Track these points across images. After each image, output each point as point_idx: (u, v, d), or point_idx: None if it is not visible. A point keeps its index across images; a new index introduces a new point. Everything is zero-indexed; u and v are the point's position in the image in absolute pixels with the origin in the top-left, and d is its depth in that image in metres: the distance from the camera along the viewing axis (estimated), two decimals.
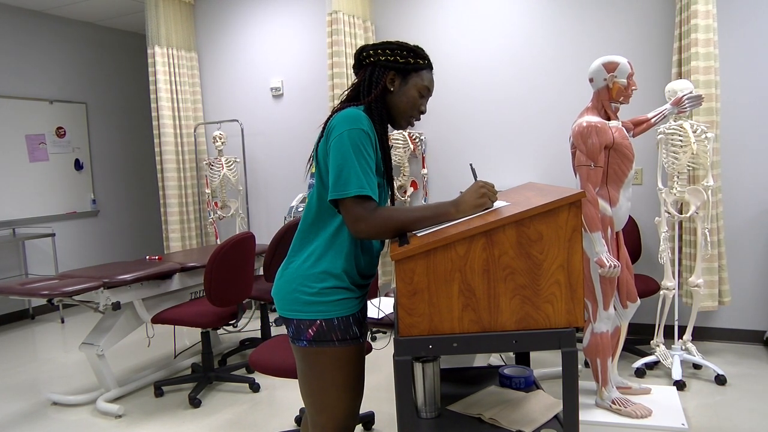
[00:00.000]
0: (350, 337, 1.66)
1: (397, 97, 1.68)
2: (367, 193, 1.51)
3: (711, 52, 3.50)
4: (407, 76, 1.68)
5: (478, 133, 4.52)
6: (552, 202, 1.47)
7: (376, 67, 1.68)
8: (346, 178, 1.51)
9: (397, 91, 1.68)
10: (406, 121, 1.72)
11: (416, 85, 1.68)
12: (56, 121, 5.96)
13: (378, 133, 1.63)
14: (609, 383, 2.80)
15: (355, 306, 1.69)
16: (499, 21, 4.37)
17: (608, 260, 2.58)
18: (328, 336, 1.63)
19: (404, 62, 1.67)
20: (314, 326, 1.63)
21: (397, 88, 1.68)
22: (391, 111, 1.70)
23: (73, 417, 3.24)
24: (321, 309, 1.63)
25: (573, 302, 1.49)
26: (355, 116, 1.55)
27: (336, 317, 1.63)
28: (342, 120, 1.55)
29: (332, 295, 1.64)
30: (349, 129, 1.53)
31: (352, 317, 1.67)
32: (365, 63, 1.70)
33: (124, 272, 3.35)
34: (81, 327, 5.26)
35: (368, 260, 1.72)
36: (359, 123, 1.54)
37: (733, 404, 2.96)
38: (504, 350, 1.49)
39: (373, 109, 1.65)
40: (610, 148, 2.65)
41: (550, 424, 1.67)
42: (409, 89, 1.68)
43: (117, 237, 6.63)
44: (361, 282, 1.72)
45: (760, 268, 3.80)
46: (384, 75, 1.67)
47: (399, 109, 1.69)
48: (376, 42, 1.72)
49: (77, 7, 5.74)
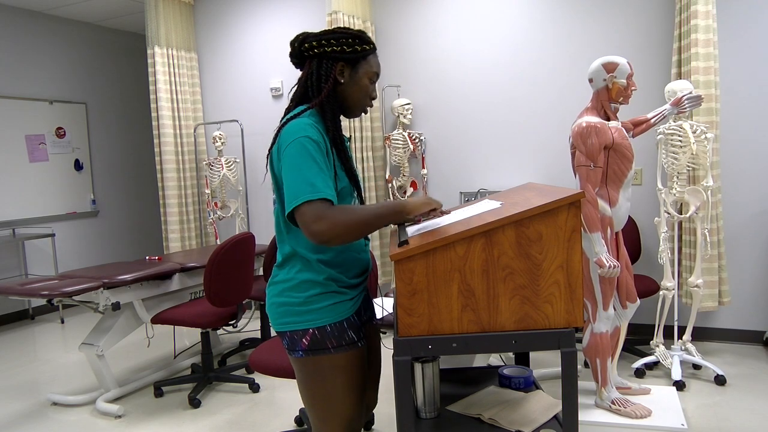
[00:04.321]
0: (346, 342, 1.60)
1: (349, 87, 1.61)
2: (321, 196, 1.44)
3: (711, 53, 3.50)
4: (356, 65, 1.60)
5: (478, 133, 4.52)
6: (551, 203, 1.47)
7: (323, 60, 1.59)
8: (297, 189, 1.44)
9: (348, 82, 1.60)
10: (360, 110, 1.66)
11: (366, 72, 1.61)
12: (56, 121, 5.96)
13: (331, 132, 1.56)
14: (608, 383, 2.80)
15: (348, 309, 1.63)
16: (499, 21, 4.37)
17: (608, 260, 2.58)
18: (322, 344, 1.58)
19: (351, 51, 1.58)
20: (307, 336, 1.58)
21: (347, 78, 1.60)
22: (343, 102, 1.63)
23: (73, 417, 3.24)
24: (311, 318, 1.58)
25: (572, 302, 1.49)
26: (300, 126, 1.50)
27: (329, 324, 1.58)
28: (288, 134, 1.49)
29: (320, 302, 1.59)
30: (295, 140, 1.47)
31: (346, 322, 1.61)
32: (308, 55, 1.61)
33: (123, 272, 3.35)
34: (81, 327, 5.26)
35: (354, 258, 1.66)
36: (305, 131, 1.48)
37: (733, 404, 2.96)
38: (503, 350, 1.49)
39: (325, 108, 1.58)
40: (609, 149, 2.65)
41: (549, 424, 1.67)
42: (360, 78, 1.61)
43: (117, 237, 6.63)
44: (352, 282, 1.65)
45: (759, 268, 3.80)
46: (333, 68, 1.58)
47: (352, 99, 1.62)
48: (316, 31, 1.63)
49: (77, 8, 5.74)
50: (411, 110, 4.56)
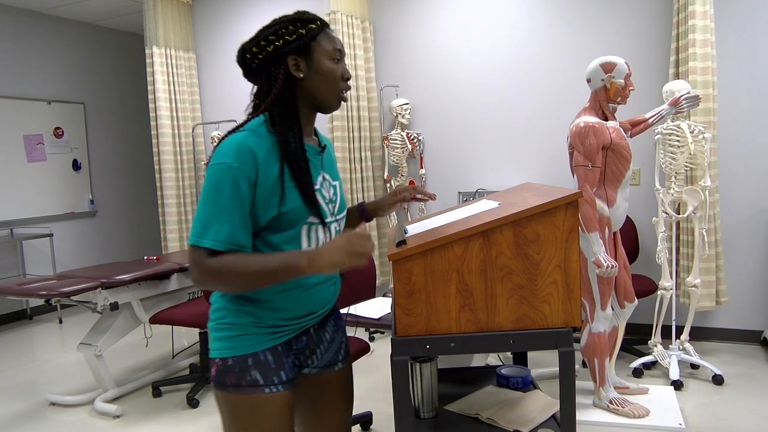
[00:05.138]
0: (246, 383, 1.34)
1: (312, 80, 1.38)
2: (203, 244, 1.25)
3: (708, 53, 3.50)
4: (309, 51, 1.37)
5: (477, 133, 4.53)
6: (549, 203, 1.47)
7: (270, 64, 1.38)
8: (195, 225, 1.29)
9: (308, 74, 1.38)
10: (336, 99, 1.42)
11: (324, 53, 1.38)
12: (54, 121, 5.95)
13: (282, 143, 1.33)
14: (606, 383, 2.81)
15: (260, 344, 1.37)
16: (498, 21, 4.37)
17: (605, 260, 2.58)
18: (222, 378, 1.36)
19: (296, 38, 1.36)
20: (215, 365, 1.38)
21: (305, 70, 1.37)
22: (313, 99, 1.40)
23: (71, 417, 3.24)
24: (219, 346, 1.38)
25: (570, 302, 1.49)
26: (227, 148, 1.28)
27: (231, 357, 1.36)
28: (215, 154, 1.30)
29: (227, 330, 1.38)
30: (213, 165, 1.28)
31: (252, 358, 1.36)
32: (256, 65, 1.40)
33: (122, 272, 3.34)
34: (79, 327, 5.25)
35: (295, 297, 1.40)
36: (227, 155, 1.27)
37: (731, 404, 2.97)
38: (501, 350, 1.50)
39: (275, 116, 1.36)
40: (607, 149, 2.65)
41: (547, 424, 1.68)
42: (319, 64, 1.37)
43: (115, 237, 6.62)
44: (280, 323, 1.40)
45: (757, 267, 3.81)
46: (280, 66, 1.37)
47: (321, 90, 1.39)
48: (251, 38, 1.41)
49: (75, 7, 5.73)
50: (409, 110, 4.56)
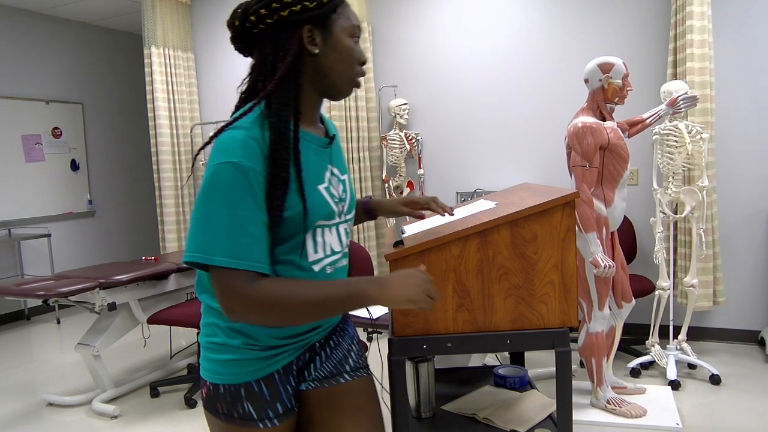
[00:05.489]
0: (238, 415, 1.18)
1: (327, 56, 1.16)
2: (239, 266, 1.04)
3: (706, 53, 3.51)
4: (327, 23, 1.15)
5: (475, 134, 4.53)
6: (546, 203, 1.47)
7: (280, 32, 1.13)
8: (202, 240, 1.04)
9: (324, 50, 1.16)
10: (349, 84, 1.21)
11: (344, 29, 1.17)
12: (52, 121, 5.95)
13: (285, 136, 1.11)
14: (604, 383, 2.81)
15: (254, 371, 1.19)
16: (496, 22, 4.38)
17: (603, 260, 2.59)
18: (213, 404, 1.21)
19: (316, 5, 1.13)
20: (205, 387, 1.22)
21: (321, 45, 1.15)
22: (326, 79, 1.18)
23: (69, 418, 3.24)
24: (210, 368, 1.21)
25: (567, 302, 1.50)
26: (228, 144, 1.07)
27: (222, 384, 1.19)
28: (213, 154, 1.08)
29: (217, 352, 1.20)
30: (214, 167, 1.06)
31: (244, 388, 1.19)
32: (258, 32, 1.14)
33: (119, 273, 3.34)
34: (77, 327, 5.25)
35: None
36: (231, 153, 1.05)
37: (728, 404, 2.98)
38: (498, 350, 1.50)
39: (277, 99, 1.12)
40: (605, 149, 2.66)
41: (544, 424, 1.68)
42: (338, 39, 1.16)
43: (113, 237, 6.62)
44: (277, 344, 1.22)
45: (754, 268, 3.81)
46: (293, 37, 1.13)
47: (336, 71, 1.18)
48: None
49: (73, 7, 5.73)
50: (408, 110, 4.56)
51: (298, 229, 1.14)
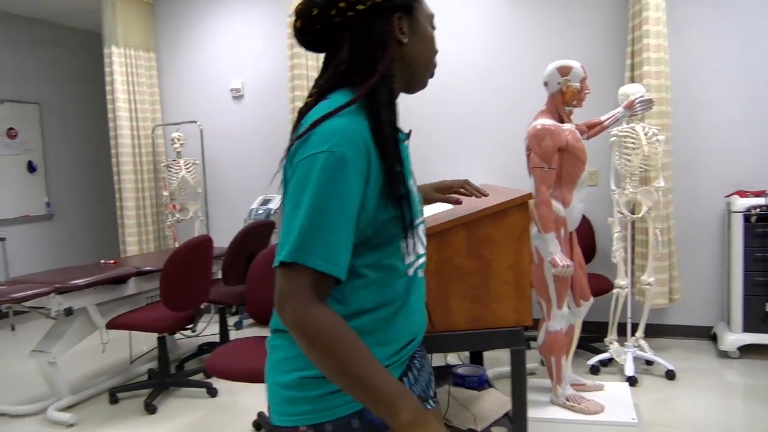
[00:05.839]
0: None
1: (415, 46, 1.09)
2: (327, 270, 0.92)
3: (662, 57, 3.61)
4: (412, 11, 1.08)
5: (436, 135, 4.56)
6: (500, 204, 1.49)
7: (374, 20, 1.04)
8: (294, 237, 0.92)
9: (412, 38, 1.08)
10: (429, 75, 1.15)
11: (427, 17, 1.12)
12: (7, 121, 5.76)
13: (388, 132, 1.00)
14: (563, 381, 2.86)
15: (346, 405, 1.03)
16: (460, 25, 4.42)
17: (561, 260, 2.63)
18: None
19: None
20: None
21: (408, 34, 1.07)
22: (411, 71, 1.10)
23: (22, 428, 3.13)
24: (304, 409, 1.02)
25: (521, 302, 1.52)
26: (332, 133, 0.95)
27: (328, 421, 1.01)
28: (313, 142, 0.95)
29: (317, 388, 1.02)
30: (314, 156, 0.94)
31: (359, 418, 1.02)
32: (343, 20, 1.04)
33: (77, 276, 3.25)
34: (33, 334, 5.09)
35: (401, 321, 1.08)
36: (335, 142, 0.94)
37: (683, 398, 3.06)
38: (455, 350, 1.51)
39: (379, 95, 1.02)
40: (563, 151, 2.70)
41: (500, 422, 1.70)
42: (422, 27, 1.10)
43: (72, 241, 6.45)
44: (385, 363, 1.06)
45: (708, 266, 3.93)
46: (388, 24, 1.04)
47: (421, 61, 1.10)
48: None
49: (29, 3, 5.56)
50: None
51: (399, 229, 1.03)
